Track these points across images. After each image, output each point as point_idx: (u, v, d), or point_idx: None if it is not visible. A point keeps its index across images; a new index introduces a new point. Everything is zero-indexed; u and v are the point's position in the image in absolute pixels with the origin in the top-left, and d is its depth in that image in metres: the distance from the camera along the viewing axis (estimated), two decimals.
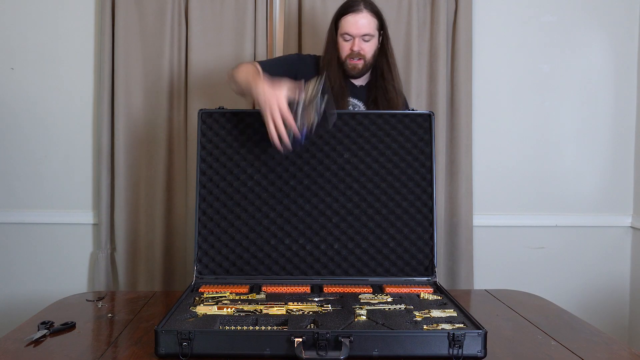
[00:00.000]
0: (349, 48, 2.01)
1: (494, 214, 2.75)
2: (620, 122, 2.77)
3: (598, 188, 2.78)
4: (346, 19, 2.00)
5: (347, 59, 2.03)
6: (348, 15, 2.00)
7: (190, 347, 1.30)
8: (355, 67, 2.04)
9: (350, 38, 2.00)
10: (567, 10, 2.72)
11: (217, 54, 2.59)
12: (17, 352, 1.37)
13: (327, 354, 1.28)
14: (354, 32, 1.99)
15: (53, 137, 2.68)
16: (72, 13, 2.65)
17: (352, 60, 2.02)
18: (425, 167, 1.87)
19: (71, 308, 1.73)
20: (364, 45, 2.01)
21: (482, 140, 2.72)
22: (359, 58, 2.02)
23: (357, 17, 1.99)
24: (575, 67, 2.74)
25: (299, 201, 1.85)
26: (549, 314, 1.72)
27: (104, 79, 2.58)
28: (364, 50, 2.01)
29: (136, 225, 2.63)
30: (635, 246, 2.77)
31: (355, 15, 1.99)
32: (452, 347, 1.31)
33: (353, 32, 1.99)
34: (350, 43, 2.01)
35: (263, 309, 1.50)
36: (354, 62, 2.02)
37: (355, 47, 2.00)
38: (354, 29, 1.99)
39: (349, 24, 1.99)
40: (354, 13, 1.99)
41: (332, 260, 1.83)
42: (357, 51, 2.00)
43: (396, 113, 1.91)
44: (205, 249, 1.82)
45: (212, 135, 1.86)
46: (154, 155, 2.62)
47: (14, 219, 2.69)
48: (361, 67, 2.04)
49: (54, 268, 2.70)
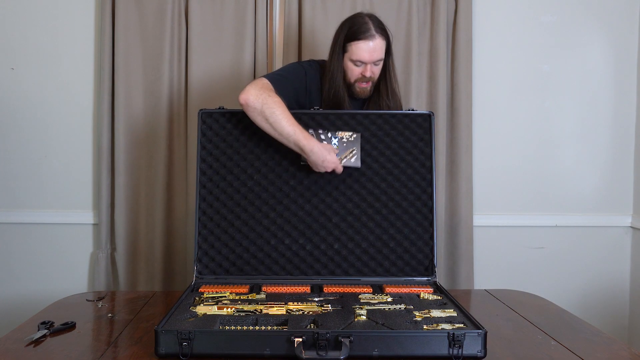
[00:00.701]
0: (359, 73, 1.94)
1: (494, 214, 2.75)
2: (620, 122, 2.77)
3: (598, 188, 2.78)
4: (358, 45, 1.90)
5: (356, 83, 1.96)
6: (360, 41, 1.90)
7: (190, 347, 1.30)
8: (364, 91, 1.98)
9: (362, 64, 1.92)
10: (567, 10, 2.72)
11: (217, 54, 2.59)
12: (17, 352, 1.37)
13: (327, 354, 1.28)
14: (367, 59, 1.91)
15: (53, 137, 2.68)
16: (72, 13, 2.65)
17: (361, 84, 1.96)
18: (425, 167, 1.87)
19: (71, 308, 1.73)
20: (375, 69, 1.95)
21: (482, 140, 2.72)
22: (368, 81, 1.96)
23: (370, 45, 1.90)
24: (575, 67, 2.74)
25: (299, 201, 1.85)
26: (549, 314, 1.72)
27: (104, 79, 2.58)
28: (374, 73, 1.96)
29: (136, 225, 2.63)
30: (635, 246, 2.77)
31: (368, 42, 1.89)
32: (452, 347, 1.31)
33: (366, 59, 1.91)
34: (361, 68, 1.93)
35: (263, 309, 1.50)
36: (363, 86, 1.97)
37: (367, 73, 1.93)
38: (367, 57, 1.90)
39: (361, 51, 1.90)
40: (367, 40, 1.89)
41: (332, 260, 1.83)
42: (370, 76, 1.95)
43: (396, 113, 1.91)
44: (205, 249, 1.82)
45: (212, 135, 1.87)
46: (154, 155, 2.62)
47: (14, 219, 2.69)
48: (369, 89, 1.99)
49: (54, 268, 2.70)
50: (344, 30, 1.95)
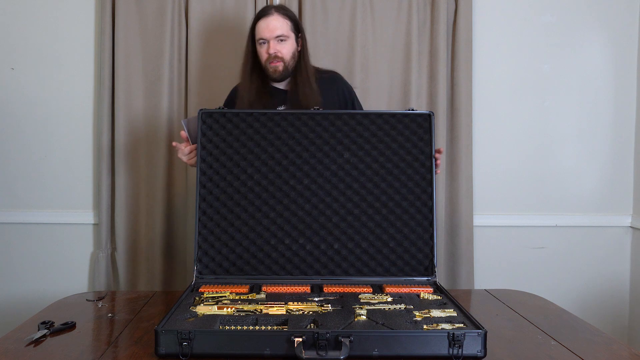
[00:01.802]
0: (265, 52, 2.04)
1: (494, 214, 2.75)
2: (620, 122, 2.77)
3: (598, 188, 2.78)
4: (259, 24, 2.05)
5: (267, 63, 2.05)
6: (260, 20, 2.05)
7: (190, 347, 1.30)
8: (276, 70, 2.05)
9: (265, 41, 2.04)
10: (567, 10, 2.72)
11: (217, 54, 2.59)
12: (17, 352, 1.37)
13: (327, 354, 1.28)
14: (267, 35, 2.03)
15: (53, 137, 2.68)
16: (72, 13, 2.65)
17: (272, 63, 2.04)
18: (425, 167, 1.87)
19: (71, 308, 1.73)
20: (280, 46, 2.03)
21: (482, 140, 2.72)
22: (277, 60, 2.04)
23: (269, 20, 2.03)
24: (575, 67, 2.74)
25: (298, 201, 1.85)
26: (549, 314, 1.72)
27: (104, 79, 2.58)
28: (281, 52, 2.04)
29: (136, 225, 2.63)
30: (635, 246, 2.77)
31: (266, 19, 2.04)
32: (452, 347, 1.31)
33: (266, 35, 2.03)
34: (266, 46, 2.04)
35: (263, 309, 1.50)
36: (274, 65, 2.04)
37: (271, 50, 2.03)
38: (267, 32, 2.03)
39: (261, 29, 2.04)
40: (265, 17, 2.04)
41: (332, 260, 1.83)
42: (274, 53, 2.03)
43: (396, 113, 1.90)
44: (205, 248, 1.82)
45: (212, 135, 1.87)
46: (154, 155, 2.62)
47: (14, 219, 2.69)
48: (281, 69, 2.05)
49: (54, 268, 2.70)
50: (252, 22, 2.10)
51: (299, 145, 1.87)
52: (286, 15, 2.07)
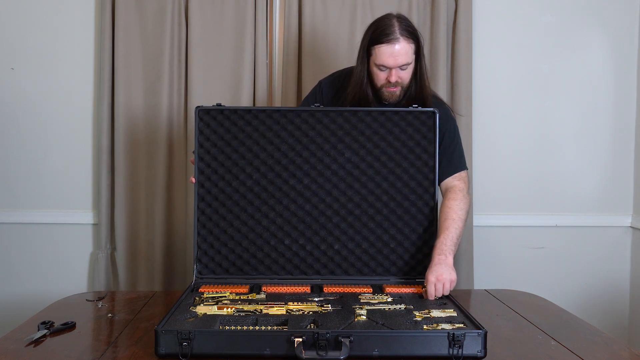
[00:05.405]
0: (384, 78, 1.86)
1: (493, 214, 2.74)
2: (620, 122, 2.76)
3: (598, 188, 2.78)
4: (381, 49, 1.81)
5: (383, 87, 1.89)
6: (383, 45, 1.81)
7: (190, 347, 1.30)
8: (393, 95, 1.90)
9: (386, 69, 1.84)
10: (567, 10, 2.72)
11: (217, 54, 2.59)
12: (17, 352, 1.37)
13: (327, 354, 1.28)
14: (391, 64, 1.82)
15: (53, 137, 2.67)
16: (72, 13, 2.65)
17: (389, 89, 1.88)
18: (428, 166, 1.84)
19: (71, 308, 1.73)
20: (402, 74, 1.85)
21: (482, 140, 2.72)
22: (397, 86, 1.87)
23: (394, 48, 1.80)
24: (575, 67, 2.74)
25: (298, 201, 1.84)
26: (549, 314, 1.72)
27: (104, 79, 2.57)
28: (401, 78, 1.86)
29: (136, 225, 2.63)
30: (635, 246, 2.77)
31: (391, 46, 1.80)
32: (452, 347, 1.31)
33: (390, 64, 1.82)
34: (386, 73, 1.85)
35: (263, 309, 1.50)
36: (391, 90, 1.88)
37: (392, 79, 1.84)
38: (391, 61, 1.81)
39: (384, 56, 1.81)
40: (390, 43, 1.80)
41: (332, 260, 1.83)
42: (395, 81, 1.86)
43: (399, 110, 1.85)
44: (204, 248, 1.82)
45: (209, 133, 1.83)
46: (154, 155, 2.62)
47: (14, 219, 2.68)
48: (399, 93, 1.90)
49: (54, 268, 2.69)
50: (369, 33, 1.87)
51: (299, 144, 1.84)
52: (410, 37, 1.82)
